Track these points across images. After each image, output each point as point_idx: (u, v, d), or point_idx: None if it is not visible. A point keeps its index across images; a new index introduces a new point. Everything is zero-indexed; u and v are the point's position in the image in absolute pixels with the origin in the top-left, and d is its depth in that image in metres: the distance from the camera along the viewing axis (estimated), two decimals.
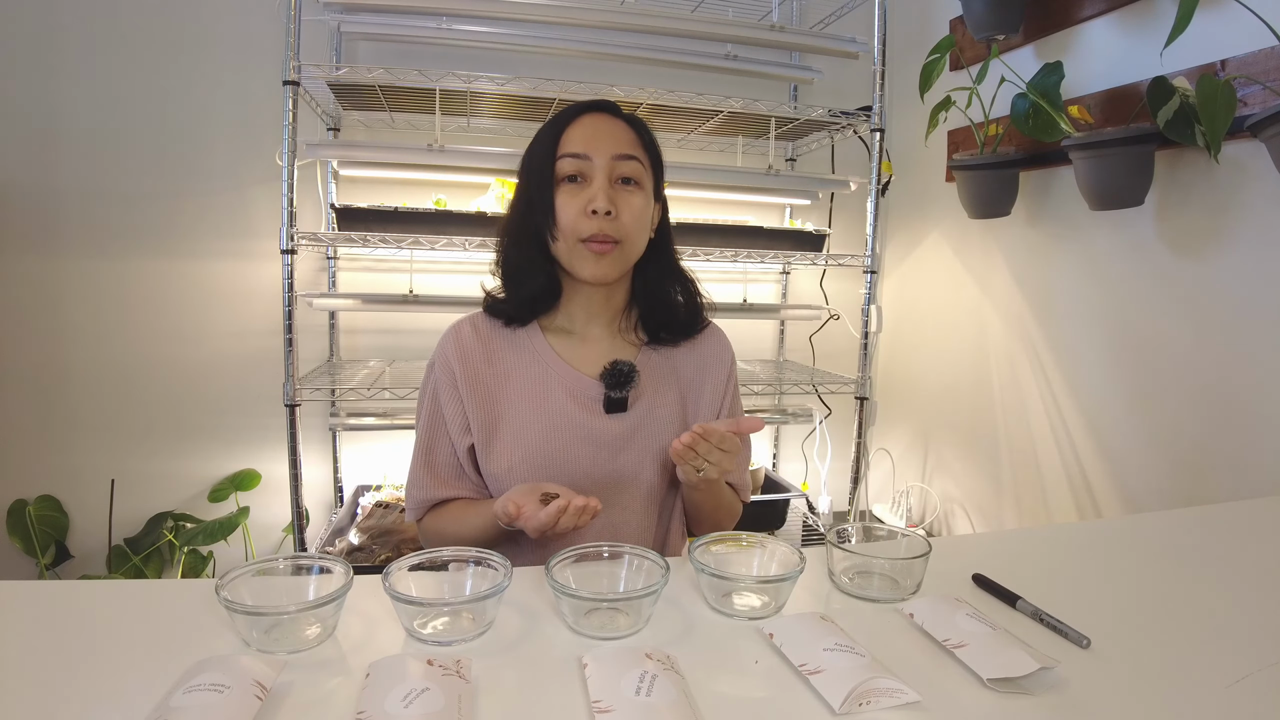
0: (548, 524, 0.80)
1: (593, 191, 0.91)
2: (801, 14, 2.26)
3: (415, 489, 0.99)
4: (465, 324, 1.01)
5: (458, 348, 0.98)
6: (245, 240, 1.98)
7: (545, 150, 0.93)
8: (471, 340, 0.98)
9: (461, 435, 0.97)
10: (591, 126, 0.93)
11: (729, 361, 1.07)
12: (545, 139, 0.94)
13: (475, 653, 0.63)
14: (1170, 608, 0.75)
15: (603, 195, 0.90)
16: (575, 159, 0.92)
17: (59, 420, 1.93)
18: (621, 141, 0.94)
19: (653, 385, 1.00)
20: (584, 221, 0.91)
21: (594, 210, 0.90)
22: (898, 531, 0.82)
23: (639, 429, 0.97)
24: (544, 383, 0.97)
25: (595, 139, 0.92)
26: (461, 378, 0.96)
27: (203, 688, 0.52)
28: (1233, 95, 1.17)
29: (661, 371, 1.02)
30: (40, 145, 1.85)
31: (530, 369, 0.98)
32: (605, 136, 0.93)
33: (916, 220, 2.29)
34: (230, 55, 1.93)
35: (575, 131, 0.93)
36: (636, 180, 0.94)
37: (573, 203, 0.91)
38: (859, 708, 0.55)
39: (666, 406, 1.00)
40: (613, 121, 0.95)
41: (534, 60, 2.01)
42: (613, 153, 0.92)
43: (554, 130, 0.94)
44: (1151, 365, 1.52)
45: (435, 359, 1.00)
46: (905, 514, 2.24)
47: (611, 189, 0.92)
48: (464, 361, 0.97)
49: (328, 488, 2.13)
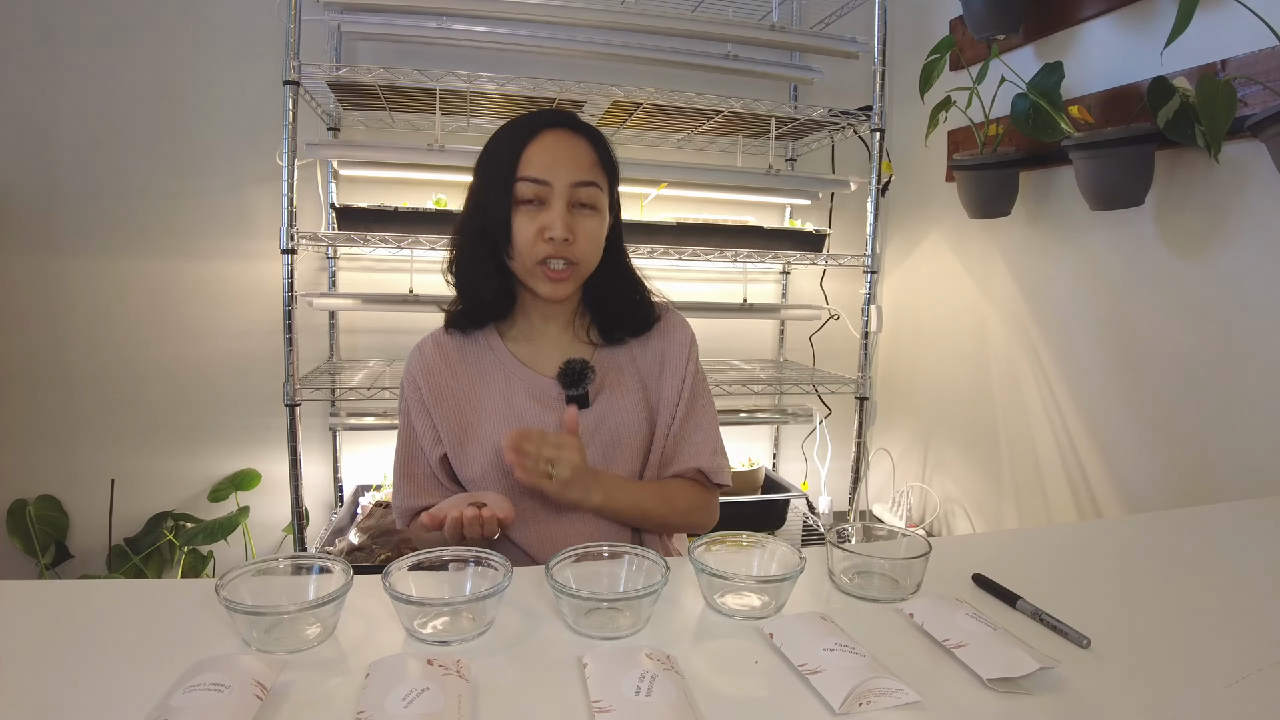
0: (455, 536, 0.84)
1: (550, 218, 0.91)
2: (801, 14, 2.26)
3: (397, 499, 1.04)
4: (428, 341, 1.04)
5: (421, 365, 1.01)
6: (245, 240, 1.98)
7: (503, 168, 0.93)
8: (434, 356, 1.02)
9: (433, 447, 1.00)
10: (552, 148, 0.93)
11: (687, 344, 1.06)
12: (504, 155, 0.93)
13: (475, 653, 0.62)
14: (1170, 608, 0.75)
15: (560, 223, 0.91)
16: (534, 184, 0.92)
17: (59, 420, 1.93)
18: (581, 165, 0.93)
19: (613, 379, 1.01)
20: (541, 245, 0.92)
21: (550, 237, 0.91)
22: (898, 531, 0.82)
23: (602, 424, 0.99)
24: (507, 388, 1.00)
25: (555, 164, 0.92)
26: (427, 393, 0.99)
27: (203, 688, 0.52)
28: (1233, 95, 1.17)
29: (620, 364, 1.03)
30: (40, 145, 1.85)
31: (493, 376, 1.01)
32: (565, 160, 0.93)
33: (916, 220, 2.29)
34: (230, 55, 1.93)
35: (535, 153, 0.92)
36: (593, 205, 0.95)
37: (530, 225, 0.92)
38: (859, 708, 0.55)
39: (628, 397, 1.01)
40: (572, 140, 0.94)
41: (534, 60, 2.01)
42: (572, 180, 0.92)
43: (513, 146, 0.93)
44: (1151, 365, 1.52)
45: (403, 378, 1.03)
46: (905, 514, 2.24)
47: (569, 214, 0.92)
48: (428, 377, 1.00)
49: (328, 488, 2.13)
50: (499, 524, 0.84)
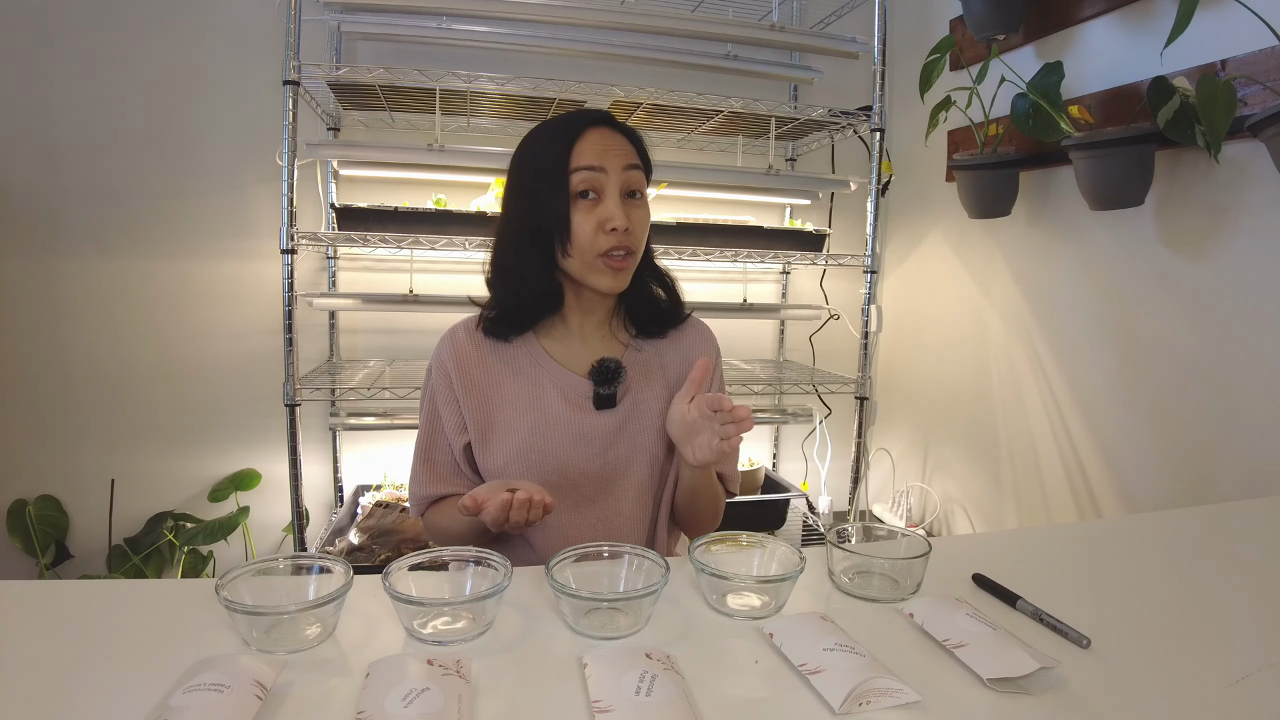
0: (499, 517, 0.83)
1: (609, 209, 0.93)
2: (801, 14, 2.26)
3: (416, 485, 1.03)
4: (460, 328, 1.04)
5: (453, 351, 1.01)
6: (245, 240, 1.98)
7: (556, 163, 0.94)
8: (466, 344, 1.02)
9: (458, 435, 1.00)
10: (600, 141, 0.95)
11: (714, 354, 1.10)
12: (554, 151, 0.95)
13: (475, 653, 0.62)
14: (1170, 608, 0.75)
15: (619, 212, 0.93)
16: (590, 172, 0.93)
17: (59, 420, 1.93)
18: (628, 153, 0.96)
19: (640, 380, 1.03)
20: (602, 238, 0.93)
21: (613, 228, 0.92)
22: (898, 531, 0.82)
23: (628, 423, 1.00)
24: (536, 382, 1.00)
25: (606, 152, 0.94)
26: (457, 380, 1.00)
27: (203, 687, 0.52)
28: (1233, 95, 1.17)
29: (648, 367, 1.05)
30: (40, 145, 1.85)
31: (523, 369, 1.01)
32: (615, 149, 0.95)
33: (916, 220, 2.29)
34: (230, 55, 1.93)
35: (586, 146, 0.94)
36: (641, 191, 0.98)
37: (589, 220, 0.93)
38: (859, 708, 0.55)
39: (654, 400, 1.02)
40: (616, 135, 0.97)
41: (534, 60, 2.01)
42: (623, 164, 0.95)
43: (563, 143, 0.95)
44: (1151, 365, 1.52)
45: (432, 363, 1.04)
46: (905, 514, 2.24)
47: (624, 203, 0.94)
48: (459, 365, 1.00)
49: (328, 488, 2.13)
50: (545, 510, 0.84)
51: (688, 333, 1.09)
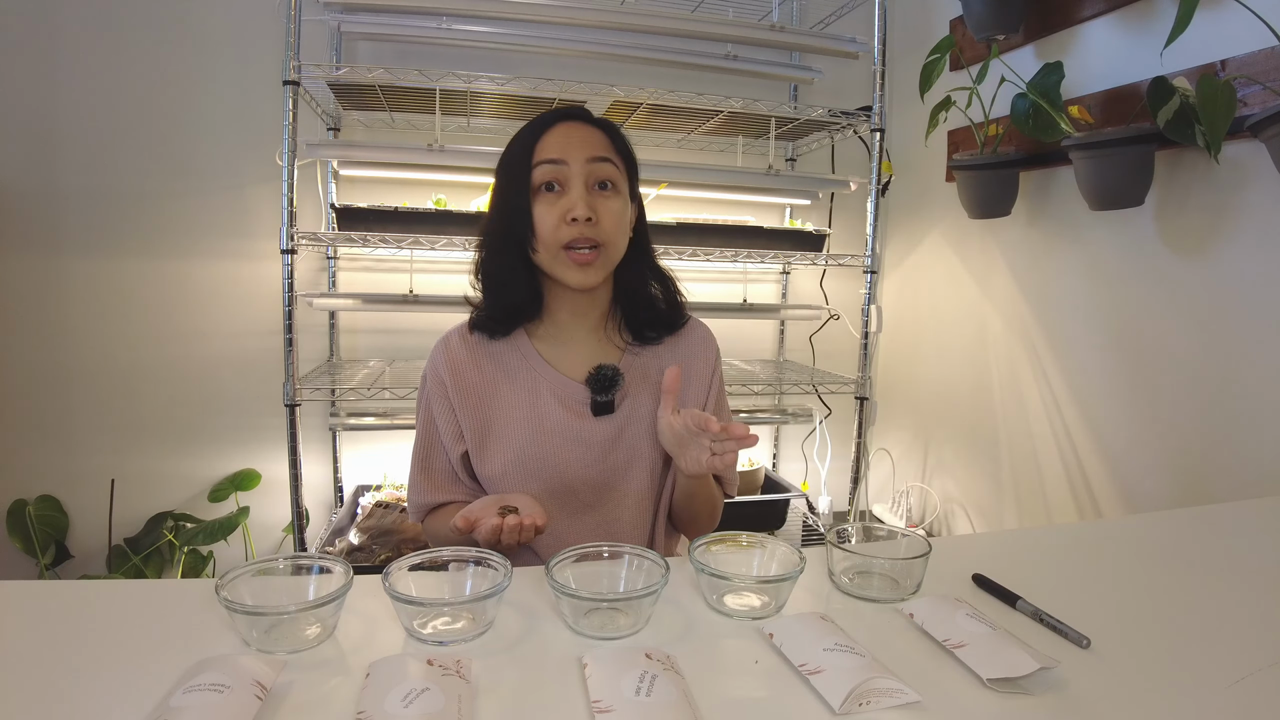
0: (490, 540, 0.82)
1: (571, 200, 0.92)
2: (801, 14, 2.26)
3: (414, 493, 1.03)
4: (454, 334, 1.03)
5: (447, 359, 1.00)
6: (245, 240, 1.98)
7: (520, 159, 0.94)
8: (460, 351, 1.00)
9: (455, 443, 0.99)
10: (564, 134, 0.94)
11: (713, 358, 1.07)
12: (519, 148, 0.95)
13: (475, 653, 0.62)
14: (1170, 608, 0.75)
15: (581, 202, 0.91)
16: (551, 165, 0.92)
17: (59, 420, 1.93)
18: (595, 145, 0.95)
19: (638, 386, 1.01)
20: (564, 229, 0.91)
21: (573, 218, 0.91)
22: (898, 531, 0.82)
23: (625, 430, 0.99)
24: (533, 388, 0.99)
25: (569, 145, 0.93)
26: (452, 388, 0.99)
27: (203, 688, 0.52)
28: (1233, 95, 1.17)
29: (646, 372, 1.03)
30: (40, 145, 1.85)
31: (519, 375, 1.00)
32: (579, 142, 0.94)
33: (916, 220, 2.29)
34: (230, 55, 1.93)
35: (549, 139, 0.94)
36: (613, 183, 0.95)
37: (551, 211, 0.92)
38: (859, 708, 0.55)
39: (652, 406, 1.00)
40: (585, 128, 0.96)
41: (534, 60, 2.01)
42: (587, 155, 0.93)
43: (528, 139, 0.94)
44: (1151, 365, 1.52)
45: (427, 371, 1.02)
46: (905, 514, 2.24)
47: (589, 195, 0.93)
48: (454, 372, 0.99)
49: (328, 488, 2.13)
50: (536, 531, 0.83)
51: (687, 336, 1.07)
